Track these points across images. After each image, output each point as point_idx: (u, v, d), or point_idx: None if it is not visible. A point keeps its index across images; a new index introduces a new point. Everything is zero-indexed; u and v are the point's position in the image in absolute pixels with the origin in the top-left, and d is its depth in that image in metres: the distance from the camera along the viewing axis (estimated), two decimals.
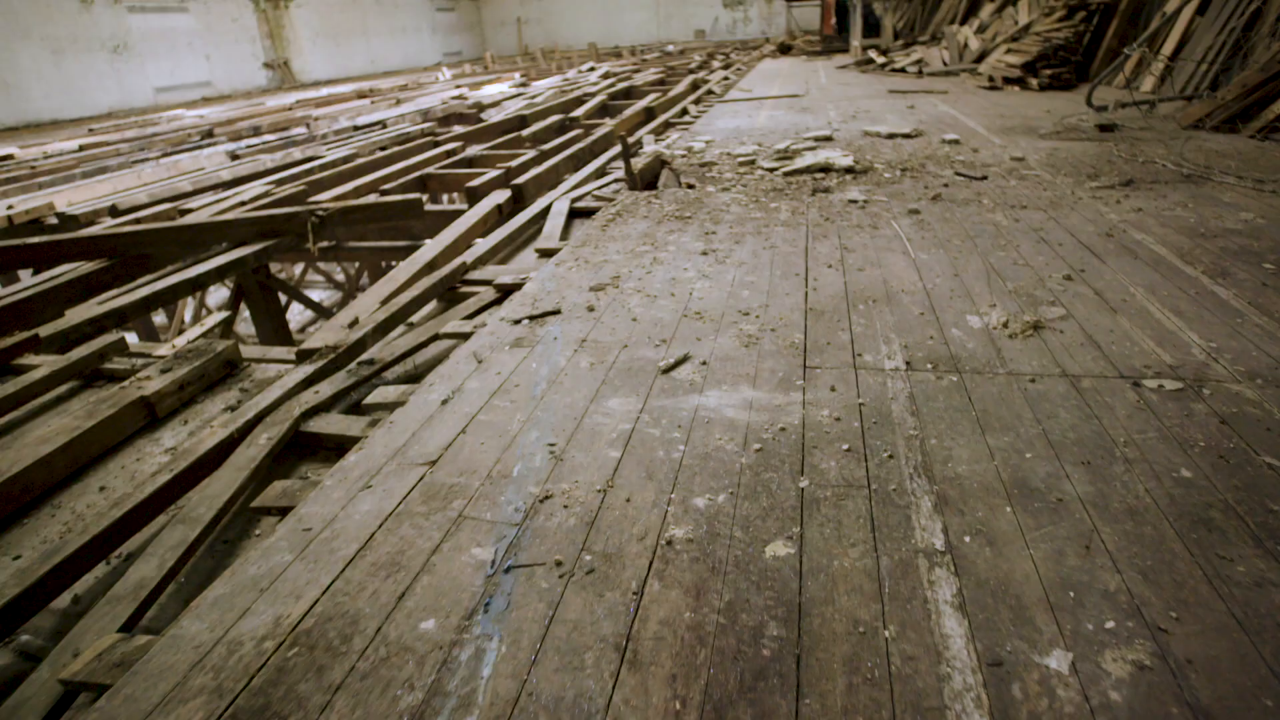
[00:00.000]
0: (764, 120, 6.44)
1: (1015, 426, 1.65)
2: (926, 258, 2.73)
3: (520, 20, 29.16)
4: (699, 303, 2.43)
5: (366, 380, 2.43)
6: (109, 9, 16.47)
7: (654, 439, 1.67)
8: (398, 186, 5.49)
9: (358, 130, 10.20)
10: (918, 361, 1.96)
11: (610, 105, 9.60)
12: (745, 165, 4.48)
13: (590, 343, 2.17)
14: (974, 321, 2.18)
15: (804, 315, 2.30)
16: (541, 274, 2.86)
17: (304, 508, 1.56)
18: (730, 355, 2.05)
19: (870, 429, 1.68)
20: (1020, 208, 3.29)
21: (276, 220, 4.62)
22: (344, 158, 7.44)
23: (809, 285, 2.54)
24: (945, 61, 10.06)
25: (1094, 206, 3.25)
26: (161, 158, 9.56)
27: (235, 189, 6.47)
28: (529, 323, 2.36)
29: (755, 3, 26.51)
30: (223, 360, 2.73)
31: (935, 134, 5.18)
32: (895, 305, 2.33)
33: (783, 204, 3.58)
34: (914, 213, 3.29)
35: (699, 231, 3.23)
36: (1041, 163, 4.13)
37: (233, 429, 2.09)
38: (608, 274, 2.77)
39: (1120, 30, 7.08)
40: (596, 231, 3.38)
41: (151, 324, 8.55)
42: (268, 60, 21.04)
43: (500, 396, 1.90)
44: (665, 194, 3.95)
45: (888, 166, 4.22)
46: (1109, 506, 1.38)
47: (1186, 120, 4.82)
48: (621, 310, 2.41)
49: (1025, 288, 2.40)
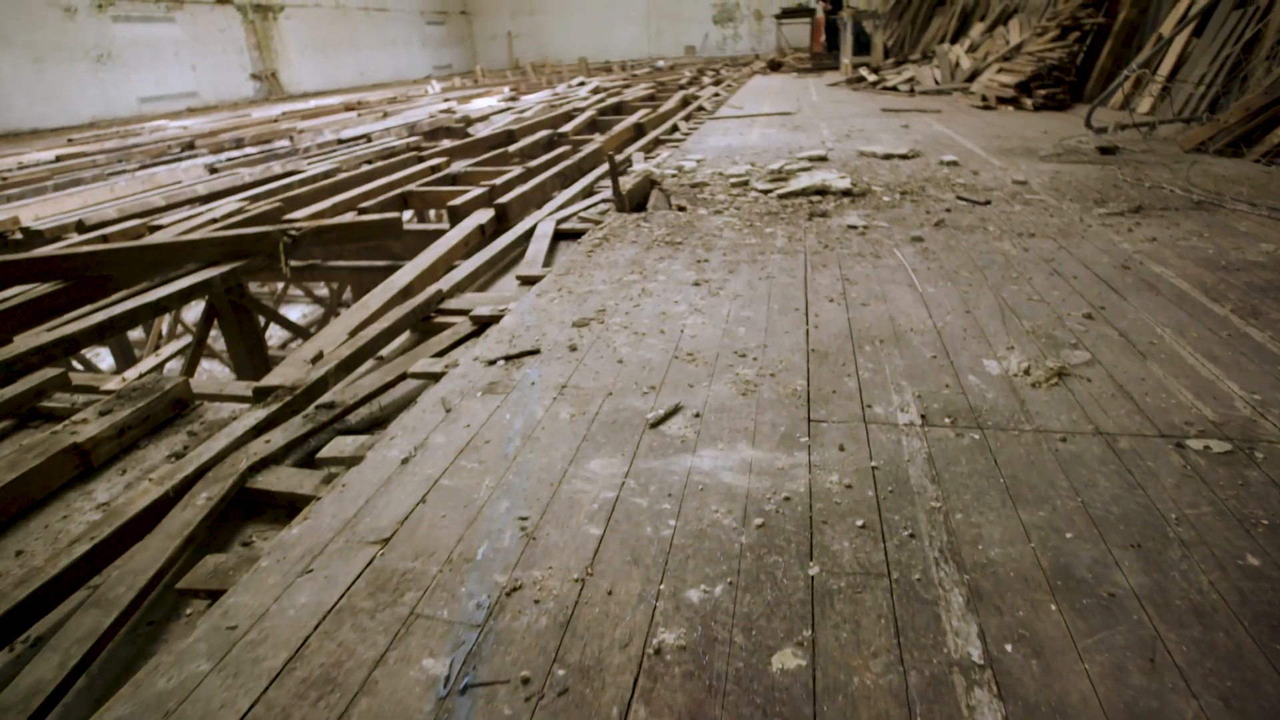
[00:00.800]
0: (756, 138, 6.30)
1: (1050, 497, 1.46)
2: (934, 291, 2.55)
3: (511, 34, 29.14)
4: (691, 342, 2.23)
5: (325, 426, 2.21)
6: (93, 18, 16.22)
7: (640, 511, 1.46)
8: (377, 204, 5.28)
9: (341, 144, 10.00)
10: (934, 415, 1.77)
11: (600, 121, 9.46)
12: (738, 186, 4.31)
13: (571, 389, 1.97)
14: (992, 367, 1.99)
15: (806, 357, 2.10)
16: (521, 306, 2.66)
17: (233, 596, 1.33)
18: (726, 405, 1.85)
19: (886, 499, 1.48)
20: (1029, 236, 3.13)
21: (245, 240, 4.39)
22: (325, 172, 7.23)
23: (810, 322, 2.35)
24: (937, 80, 10.01)
25: (1105, 235, 3.10)
26: (138, 170, 9.30)
27: (209, 205, 6.24)
28: (505, 364, 2.15)
29: (745, 20, 26.64)
30: (171, 400, 2.50)
31: (933, 155, 5.05)
32: (905, 346, 2.14)
33: (778, 229, 3.41)
34: (917, 240, 3.12)
35: (690, 259, 3.04)
36: (1045, 187, 3.99)
37: (168, 487, 1.86)
38: (592, 307, 2.57)
39: (1115, 51, 7.02)
40: (582, 258, 3.18)
41: (126, 341, 8.27)
42: (255, 71, 20.83)
43: (468, 455, 1.69)
44: (655, 216, 3.77)
45: (886, 189, 4.06)
46: (1170, 604, 1.18)
47: (1189, 143, 4.70)
48: (606, 350, 2.21)
49: (1044, 327, 2.22)
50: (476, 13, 29.46)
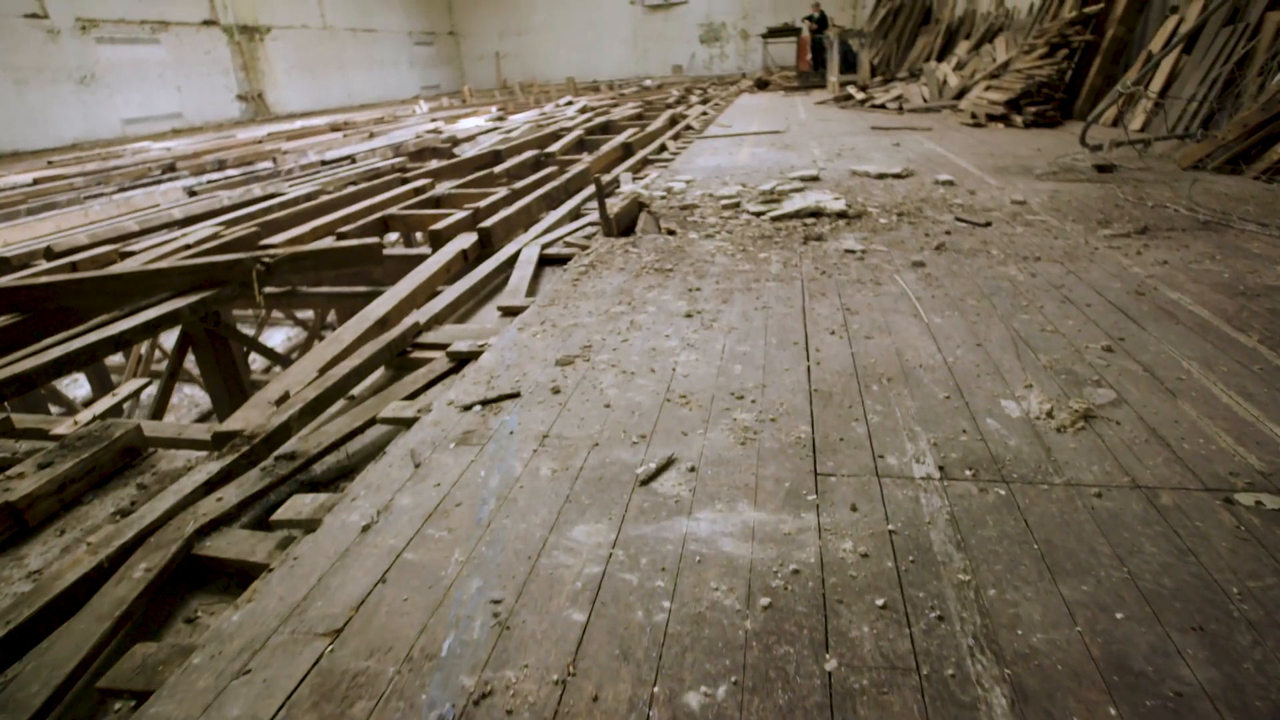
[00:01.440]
0: (746, 158, 6.19)
1: (1092, 567, 1.29)
2: (941, 322, 2.40)
3: (499, 54, 29.24)
4: (684, 382, 2.07)
5: (286, 479, 2.02)
6: (77, 40, 16.07)
7: (630, 590, 1.28)
8: (357, 229, 5.11)
9: (325, 165, 9.85)
10: (953, 466, 1.61)
11: (587, 140, 9.36)
12: (729, 208, 4.18)
13: (553, 439, 1.79)
14: (1011, 408, 1.84)
15: (809, 399, 1.94)
16: (502, 341, 2.49)
17: (155, 705, 1.14)
18: (724, 457, 1.68)
19: (908, 570, 1.31)
20: (1034, 259, 3.00)
21: (216, 268, 4.21)
22: (306, 195, 7.06)
23: (811, 357, 2.19)
24: (925, 98, 10.00)
25: (1113, 258, 2.97)
26: (116, 193, 9.10)
27: (185, 229, 6.05)
28: (481, 410, 1.97)
29: (732, 39, 26.86)
30: (120, 448, 2.31)
31: (927, 174, 4.94)
32: (915, 385, 1.98)
33: (773, 254, 3.26)
34: (918, 265, 2.98)
35: (681, 287, 2.89)
36: (1045, 207, 3.88)
37: (102, 557, 1.67)
38: (578, 342, 2.40)
39: (1104, 68, 7.00)
40: (567, 287, 3.01)
41: (104, 368, 8.02)
42: (241, 92, 20.71)
43: (437, 521, 1.50)
44: (643, 241, 3.62)
45: (882, 210, 3.94)
46: (1250, 707, 1.01)
47: (1186, 161, 4.62)
48: (592, 392, 2.03)
49: (1062, 362, 2.07)
50: (465, 33, 29.57)
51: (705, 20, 26.68)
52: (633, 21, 27.19)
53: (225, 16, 19.81)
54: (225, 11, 19.79)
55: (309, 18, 22.61)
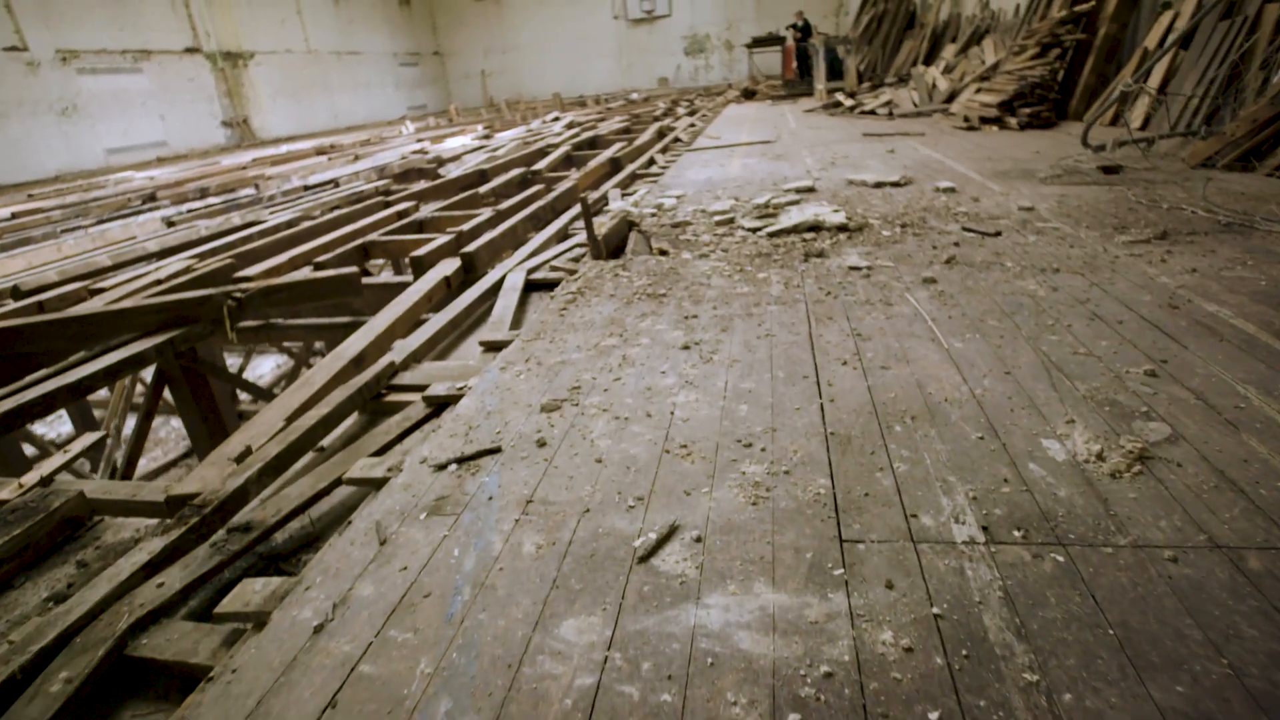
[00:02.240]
0: (737, 170, 6.01)
1: (1183, 658, 1.08)
2: (962, 346, 2.20)
3: (485, 73, 29.24)
4: (684, 428, 1.85)
5: (239, 555, 1.79)
6: (57, 71, 15.91)
7: (631, 708, 1.06)
8: (335, 258, 4.90)
9: (308, 190, 9.66)
10: (999, 526, 1.39)
11: (574, 156, 9.20)
12: (723, 224, 3.98)
13: (538, 505, 1.57)
14: (1054, 449, 1.63)
15: (825, 444, 1.73)
16: (483, 383, 2.27)
17: None
18: (734, 521, 1.47)
19: (962, 670, 1.09)
20: (1052, 271, 2.80)
21: (185, 305, 3.98)
22: (286, 222, 6.86)
23: (823, 394, 1.98)
24: (915, 103, 9.88)
25: (1137, 267, 2.77)
26: (93, 225, 8.89)
27: (159, 262, 5.83)
28: (457, 470, 1.75)
29: (716, 50, 26.90)
30: (60, 519, 2.07)
31: (926, 181, 4.76)
32: (942, 424, 1.77)
33: (772, 274, 3.06)
34: (929, 282, 2.78)
35: (677, 315, 2.68)
36: (1055, 213, 3.69)
37: (14, 667, 1.43)
38: (565, 382, 2.19)
39: (1098, 67, 6.87)
40: (553, 317, 2.80)
41: (86, 405, 7.78)
42: (226, 118, 20.57)
43: (400, 619, 1.28)
44: (634, 263, 3.42)
45: (884, 222, 3.74)
46: None
47: (1194, 159, 4.46)
48: (582, 443, 1.81)
49: (1103, 391, 1.87)
50: (450, 53, 29.57)
51: (689, 32, 26.72)
52: (617, 36, 27.23)
53: (208, 44, 19.70)
54: (208, 39, 19.69)
55: (292, 42, 22.54)
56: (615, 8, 26.68)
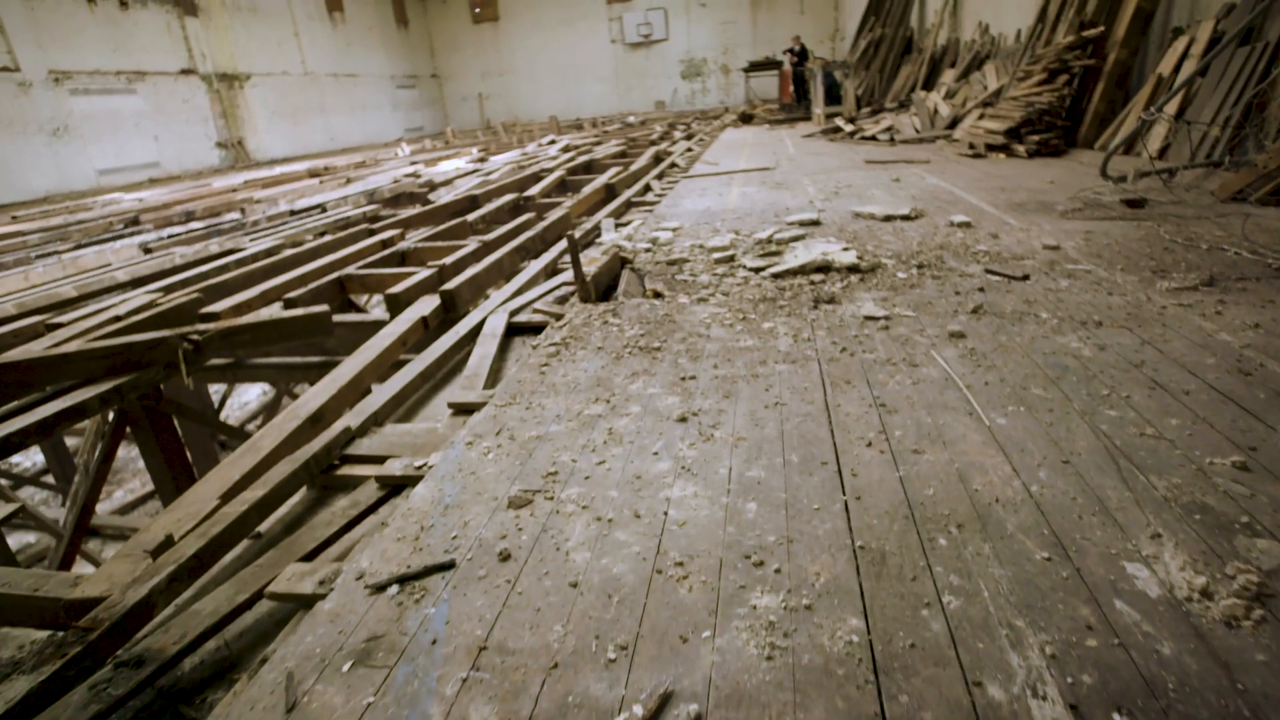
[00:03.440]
0: (736, 199, 5.74)
1: None
2: (1006, 424, 1.87)
3: (482, 95, 29.26)
4: (680, 536, 1.52)
5: (127, 699, 1.44)
6: (50, 92, 15.74)
7: None
8: (309, 293, 4.58)
9: (294, 215, 9.38)
10: (1092, 704, 1.06)
11: (569, 181, 8.95)
12: (723, 263, 3.68)
13: (493, 655, 1.23)
14: (1143, 579, 1.30)
15: (853, 561, 1.40)
16: (445, 464, 1.93)
17: None
18: (744, 688, 1.13)
19: None
20: (1095, 325, 2.49)
21: (135, 349, 3.66)
22: (266, 250, 6.55)
23: (846, 486, 1.65)
24: (917, 128, 9.68)
25: (1189, 321, 2.47)
26: (70, 251, 8.59)
27: (123, 295, 5.51)
28: (398, 593, 1.41)
29: (713, 74, 26.95)
30: None
31: (938, 214, 4.48)
32: (997, 536, 1.44)
33: (779, 323, 2.74)
34: (957, 336, 2.47)
35: (672, 375, 2.35)
36: (1084, 252, 3.40)
37: None
38: (540, 465, 1.86)
39: (1108, 94, 6.65)
40: (533, 375, 2.48)
41: (63, 447, 7.45)
42: (221, 140, 20.43)
43: None
44: (626, 308, 3.10)
45: (898, 262, 3.45)
46: None
47: (1224, 192, 4.18)
48: (554, 557, 1.48)
49: (1187, 490, 1.54)
50: (447, 76, 29.61)
51: (686, 56, 26.78)
52: (614, 59, 27.28)
53: (204, 65, 19.60)
54: (204, 60, 19.59)
55: (289, 65, 22.49)
56: (613, 32, 26.76)
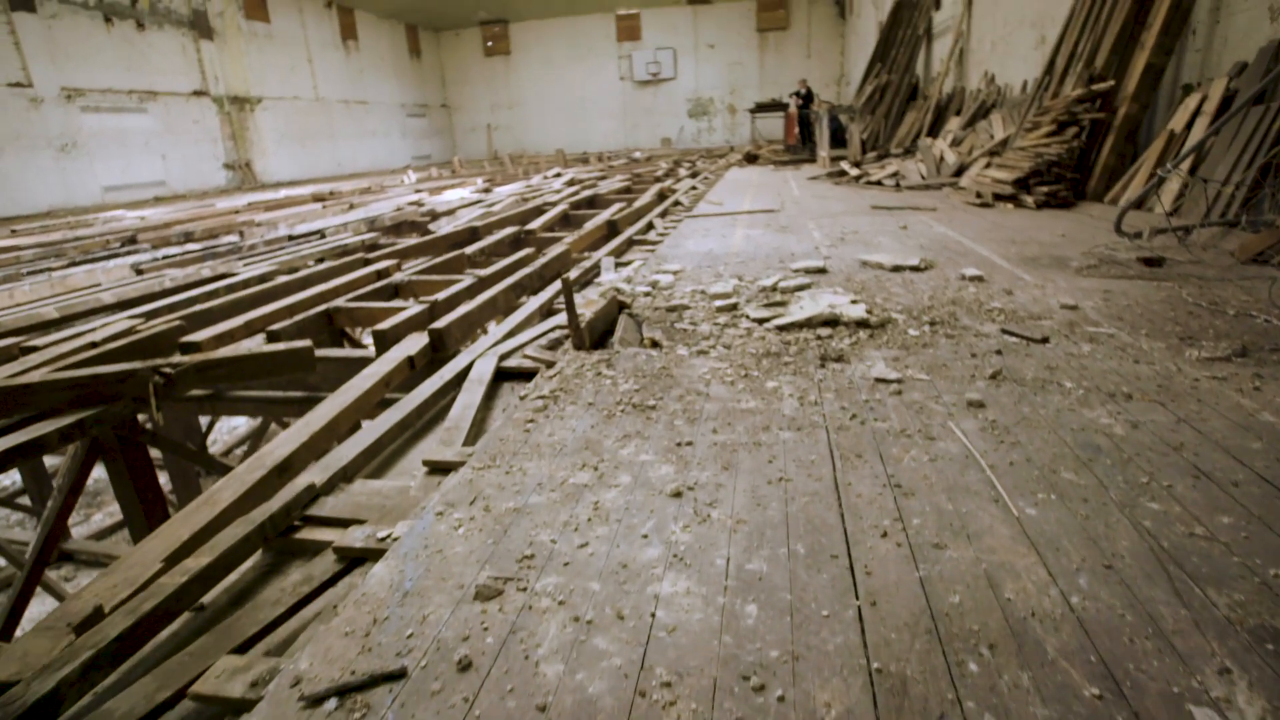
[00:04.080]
0: (740, 242, 5.62)
1: None
2: (1036, 515, 1.68)
3: (490, 126, 29.62)
4: (668, 646, 1.32)
5: None
6: (60, 108, 15.84)
7: None
8: (294, 325, 4.42)
9: (291, 240, 9.28)
10: None
11: (572, 215, 8.87)
12: (725, 311, 3.52)
13: None
14: None
15: (869, 689, 1.19)
16: (411, 538, 1.73)
17: None
18: None
19: None
20: (1124, 398, 2.31)
21: (103, 381, 3.48)
22: (258, 276, 6.41)
23: (860, 588, 1.45)
24: (923, 175, 9.65)
25: (1227, 397, 2.29)
26: (61, 269, 8.46)
27: (104, 319, 5.35)
28: (337, 708, 1.20)
29: (719, 113, 27.32)
30: None
31: (948, 266, 4.34)
32: (1035, 662, 1.24)
33: (784, 382, 2.56)
34: (976, 406, 2.29)
35: (667, 439, 2.17)
36: (1104, 314, 3.24)
37: None
38: (515, 545, 1.66)
39: (1118, 147, 6.59)
40: (517, 432, 2.29)
41: (41, 468, 7.20)
42: (229, 161, 20.56)
43: None
44: (622, 358, 2.93)
45: (909, 317, 3.28)
46: None
47: (1244, 254, 4.05)
48: (521, 670, 1.27)
49: (1252, 609, 1.34)
50: (457, 106, 30.01)
51: (693, 95, 27.18)
52: (622, 96, 27.67)
53: (216, 87, 19.82)
54: (216, 83, 19.81)
55: (301, 90, 22.76)
56: (622, 69, 27.20)
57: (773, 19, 25.83)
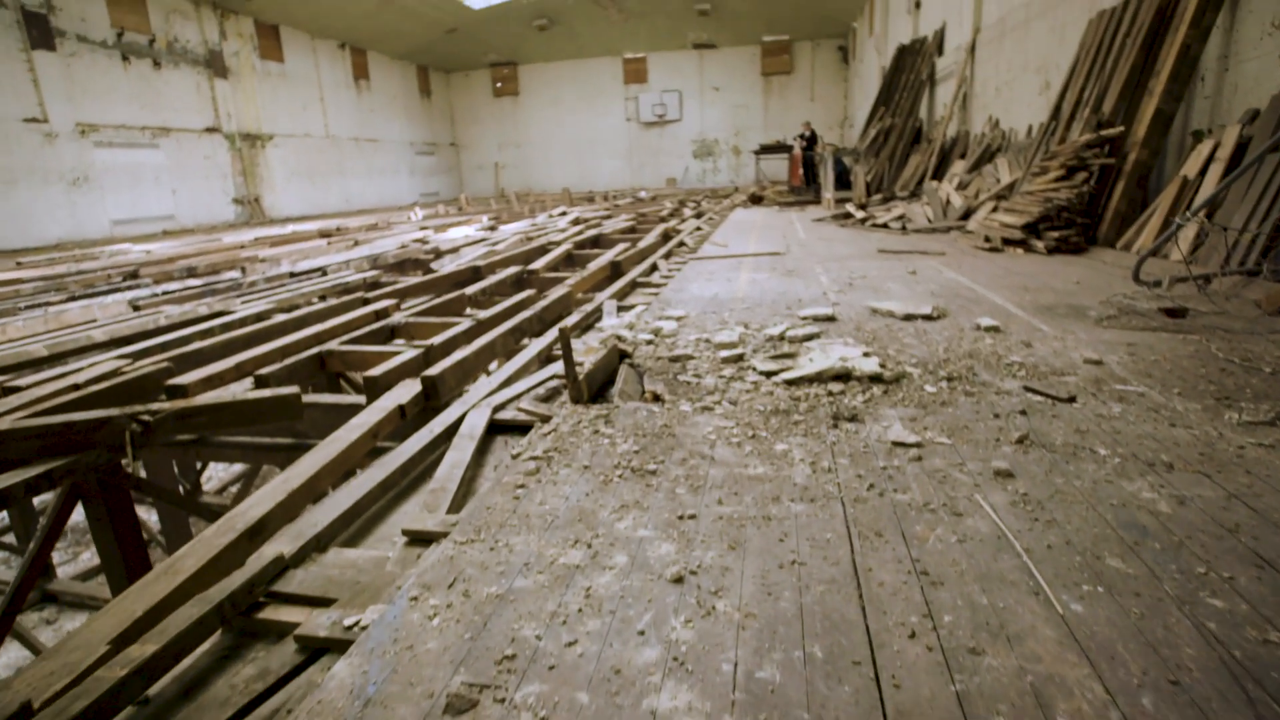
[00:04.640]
0: (745, 286, 5.50)
1: None
2: (1084, 612, 1.49)
3: (498, 164, 30.02)
4: None
5: None
6: (74, 143, 16.06)
7: None
8: (284, 369, 4.27)
9: (293, 277, 9.22)
10: None
11: (576, 255, 8.81)
12: (730, 362, 3.36)
13: None
14: None
15: None
16: (380, 629, 1.55)
17: None
18: None
19: None
20: (1164, 467, 2.13)
21: (76, 429, 3.33)
22: (255, 315, 6.30)
23: (888, 707, 1.25)
24: (929, 218, 9.60)
25: (1276, 466, 2.10)
26: (59, 303, 8.39)
27: (94, 357, 5.22)
28: None
29: (724, 154, 27.66)
30: None
31: (962, 315, 4.20)
32: None
33: (794, 445, 2.39)
34: (1004, 476, 2.11)
35: (669, 511, 1.99)
36: (1131, 370, 3.07)
37: None
38: (496, 643, 1.47)
39: (1129, 193, 6.51)
40: (505, 499, 2.11)
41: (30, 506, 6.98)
42: (238, 196, 20.78)
43: None
44: (621, 414, 2.76)
45: (925, 372, 3.12)
46: None
47: (1271, 305, 3.90)
48: None
49: None
50: (465, 144, 30.48)
51: (698, 136, 27.56)
52: (629, 137, 28.08)
53: (228, 124, 20.14)
54: (229, 120, 20.14)
55: (312, 127, 23.12)
56: (628, 110, 27.65)
57: (777, 63, 26.34)
